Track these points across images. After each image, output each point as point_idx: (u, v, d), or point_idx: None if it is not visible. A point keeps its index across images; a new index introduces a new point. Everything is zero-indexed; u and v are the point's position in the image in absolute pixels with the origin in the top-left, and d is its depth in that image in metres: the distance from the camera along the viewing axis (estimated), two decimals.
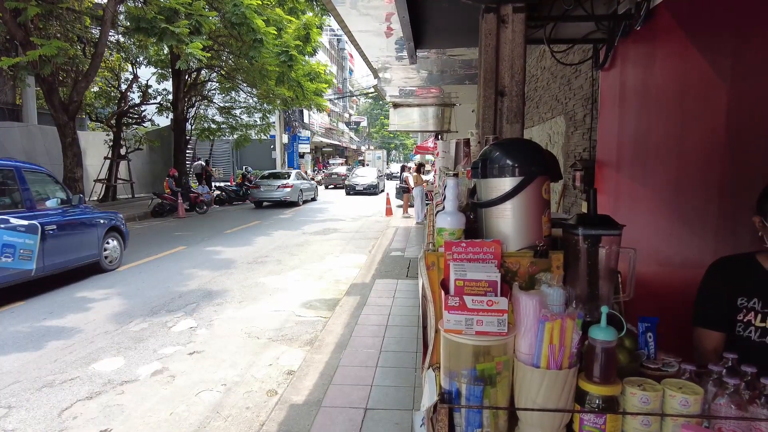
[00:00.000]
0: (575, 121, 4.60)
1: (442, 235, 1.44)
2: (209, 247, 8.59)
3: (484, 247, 1.33)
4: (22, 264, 4.71)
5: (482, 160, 1.45)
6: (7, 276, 4.59)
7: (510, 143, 1.60)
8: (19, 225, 4.67)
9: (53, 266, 5.13)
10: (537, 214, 1.41)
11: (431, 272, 1.40)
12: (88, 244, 5.70)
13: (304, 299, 5.44)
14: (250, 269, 6.89)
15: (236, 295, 5.61)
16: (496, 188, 1.42)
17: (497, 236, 1.41)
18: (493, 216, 1.43)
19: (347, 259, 7.62)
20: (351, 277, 6.30)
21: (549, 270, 1.37)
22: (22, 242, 4.65)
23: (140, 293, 5.68)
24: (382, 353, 3.69)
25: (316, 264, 7.25)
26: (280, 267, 7.03)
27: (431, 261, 1.40)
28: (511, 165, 1.40)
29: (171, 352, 3.99)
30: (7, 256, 4.50)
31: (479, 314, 1.21)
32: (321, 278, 6.41)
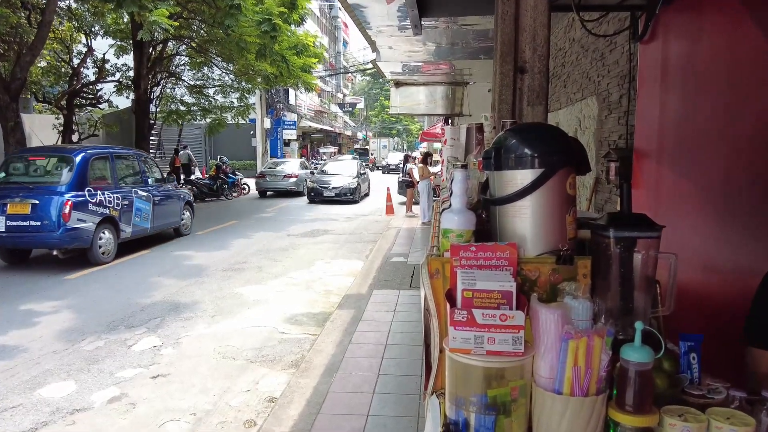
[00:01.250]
0: (609, 103, 4.60)
1: (448, 237, 1.44)
2: (177, 251, 8.62)
3: (497, 251, 1.32)
4: (144, 223, 8.51)
5: (496, 149, 1.45)
6: (137, 230, 8.30)
7: (528, 129, 1.59)
8: (143, 195, 8.56)
9: (157, 227, 8.94)
10: (560, 212, 1.40)
11: (435, 281, 1.39)
12: (174, 213, 9.55)
13: (289, 313, 5.45)
14: (225, 277, 6.90)
15: (208, 308, 5.62)
16: (511, 182, 1.41)
17: (513, 239, 1.40)
18: (508, 215, 1.43)
19: (340, 266, 7.64)
20: (344, 287, 6.32)
21: (574, 279, 1.36)
22: (145, 207, 8.49)
23: (95, 306, 5.69)
24: (381, 377, 3.70)
25: (303, 271, 7.27)
26: (261, 275, 7.04)
27: (435, 268, 1.39)
28: (529, 154, 1.39)
29: (131, 376, 4.00)
30: (137, 216, 8.31)
31: (491, 331, 1.20)
32: (309, 288, 6.42)
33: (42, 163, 7.80)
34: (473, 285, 1.24)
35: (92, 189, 7.72)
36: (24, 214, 7.17)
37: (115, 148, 8.82)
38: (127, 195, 8.33)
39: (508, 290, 1.23)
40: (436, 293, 1.39)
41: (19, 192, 7.26)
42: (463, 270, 1.32)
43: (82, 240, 7.41)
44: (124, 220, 8.22)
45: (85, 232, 7.44)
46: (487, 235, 1.50)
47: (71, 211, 7.28)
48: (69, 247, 7.43)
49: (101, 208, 7.76)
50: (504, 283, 1.24)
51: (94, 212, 7.62)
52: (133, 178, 8.71)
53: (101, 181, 8.04)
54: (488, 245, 1.34)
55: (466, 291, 1.24)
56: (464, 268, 1.33)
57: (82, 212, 7.45)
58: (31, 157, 7.76)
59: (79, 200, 7.42)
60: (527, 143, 1.42)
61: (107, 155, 8.25)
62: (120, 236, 8.14)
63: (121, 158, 8.59)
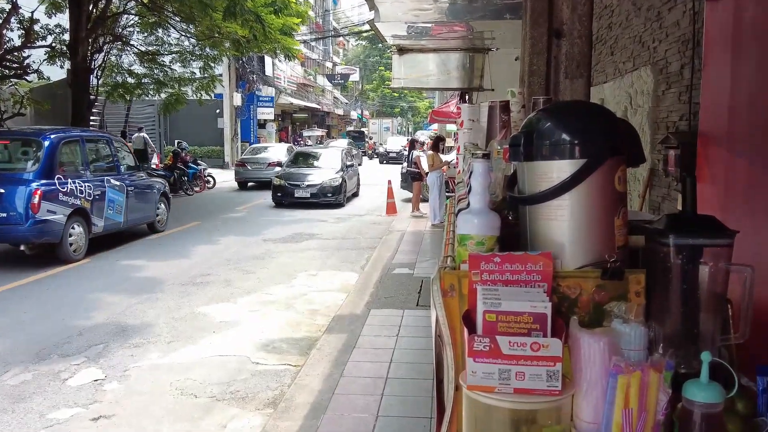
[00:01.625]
0: (668, 75, 4.60)
1: (466, 244, 1.44)
2: (125, 260, 8.64)
3: (527, 263, 1.32)
4: (117, 216, 9.05)
5: (526, 134, 1.45)
6: (110, 225, 8.81)
7: (567, 108, 1.59)
8: (116, 184, 9.03)
9: (131, 222, 9.51)
10: (607, 214, 1.40)
11: (449, 300, 1.39)
12: (148, 206, 10.08)
13: (265, 338, 5.46)
14: (184, 293, 6.92)
15: (164, 331, 5.63)
16: (546, 176, 1.41)
17: (547, 247, 1.40)
18: (541, 217, 1.43)
19: (329, 279, 7.66)
20: (334, 306, 6.33)
21: (624, 297, 1.36)
22: (118, 199, 8.96)
23: (21, 328, 5.69)
24: (380, 420, 3.70)
25: (282, 286, 7.28)
26: (230, 290, 7.06)
27: (449, 284, 1.40)
28: (568, 141, 1.39)
29: (66, 417, 4.00)
30: (111, 209, 8.75)
31: (520, 363, 1.20)
32: (289, 307, 6.44)
33: (4, 147, 8.38)
34: (497, 306, 1.24)
35: (62, 177, 8.23)
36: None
37: (86, 130, 9.62)
38: (99, 184, 8.96)
39: (542, 312, 1.23)
40: (450, 315, 1.39)
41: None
42: (484, 287, 1.32)
43: (52, 234, 7.96)
44: (96, 212, 8.83)
45: (56, 225, 8.00)
46: (514, 242, 1.50)
47: (40, 201, 7.74)
48: (37, 241, 7.96)
49: (72, 198, 8.31)
50: (536, 304, 1.24)
51: (64, 203, 8.16)
52: (105, 165, 9.43)
53: (71, 167, 8.58)
54: (516, 255, 1.34)
55: (488, 313, 1.24)
56: (486, 284, 1.32)
57: (52, 203, 7.94)
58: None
59: (48, 189, 7.89)
60: (565, 126, 1.42)
61: (78, 138, 8.89)
62: (92, 231, 8.75)
63: (91, 142, 9.33)
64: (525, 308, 1.23)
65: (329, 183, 14.84)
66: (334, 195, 14.75)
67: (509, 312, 1.23)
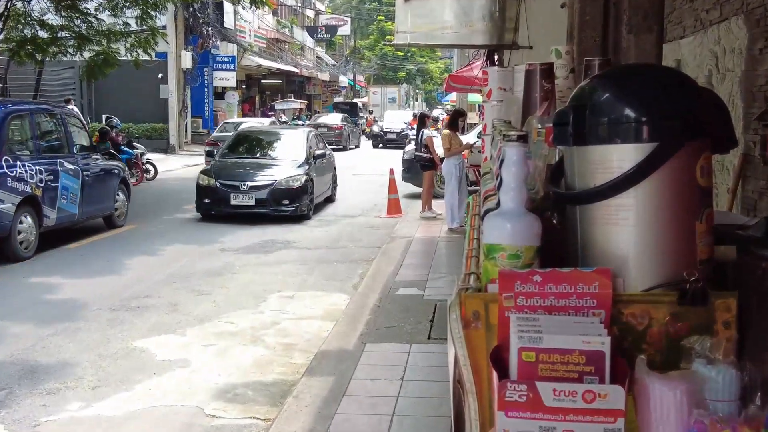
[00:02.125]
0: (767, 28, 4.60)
1: (496, 258, 1.45)
2: (36, 277, 8.64)
3: (578, 282, 1.33)
4: (72, 207, 9.61)
5: (576, 109, 1.45)
6: (63, 217, 9.36)
7: (632, 74, 1.59)
8: (70, 169, 9.65)
9: (87, 214, 10.19)
10: (686, 216, 1.41)
11: (473, 333, 1.40)
12: (106, 195, 10.86)
13: (223, 383, 5.46)
14: (115, 322, 6.92)
15: (87, 373, 5.63)
16: (603, 165, 1.42)
17: (605, 261, 1.41)
18: (597, 221, 1.44)
19: (310, 303, 7.67)
20: (317, 339, 6.34)
21: (709, 330, 1.37)
22: (72, 186, 9.46)
23: None
24: None
25: (247, 312, 7.29)
26: (176, 318, 7.07)
27: (473, 311, 1.40)
28: (633, 118, 1.40)
29: None
30: (64, 198, 9.17)
31: (568, 419, 1.20)
32: (257, 341, 6.44)
33: None
34: (538, 341, 1.24)
35: (10, 158, 8.96)
36: None
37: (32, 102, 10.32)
38: (52, 168, 9.72)
39: (598, 350, 1.23)
40: (474, 353, 1.39)
41: None
42: (520, 315, 1.32)
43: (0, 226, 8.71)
44: (48, 202, 9.56)
45: (4, 215, 8.73)
46: (560, 254, 1.50)
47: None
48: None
49: (21, 184, 9.06)
50: (590, 338, 1.24)
51: (13, 189, 8.89)
52: (57, 145, 10.27)
53: (20, 147, 9.41)
54: (563, 272, 1.35)
55: (525, 351, 1.24)
56: (523, 311, 1.33)
57: (0, 189, 8.70)
58: None
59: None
60: (629, 98, 1.42)
61: (27, 112, 9.67)
62: (43, 223, 9.49)
63: (42, 116, 10.15)
64: (575, 344, 1.23)
65: (286, 184, 12.83)
66: (294, 202, 12.79)
67: (554, 350, 1.23)
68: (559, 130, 1.50)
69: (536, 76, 2.45)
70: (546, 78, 2.44)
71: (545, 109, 2.34)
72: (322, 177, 14.51)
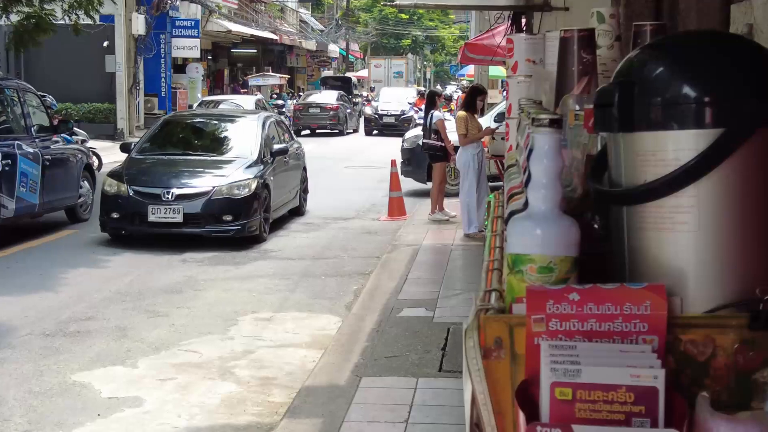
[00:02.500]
0: None
1: (524, 271, 1.46)
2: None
3: (625, 302, 1.33)
4: (31, 197, 10.32)
5: (623, 86, 1.46)
6: (23, 207, 10.00)
7: (691, 42, 1.59)
8: (29, 152, 10.42)
9: (48, 204, 10.97)
10: (759, 219, 1.41)
11: (494, 365, 1.40)
12: (69, 184, 11.70)
13: (185, 426, 5.45)
14: (49, 351, 6.91)
15: (15, 413, 5.62)
16: (656, 156, 1.43)
17: (660, 276, 1.41)
18: (649, 224, 1.44)
19: (292, 327, 7.66)
20: (301, 372, 6.33)
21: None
22: (31, 172, 10.18)
23: None
24: None
25: (213, 338, 7.28)
26: (126, 346, 7.06)
27: (494, 337, 1.41)
28: (694, 98, 1.41)
29: None
30: (23, 185, 9.78)
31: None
32: (226, 374, 6.43)
33: None
34: (575, 374, 1.25)
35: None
36: None
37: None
38: (8, 151, 10.43)
39: (650, 386, 1.23)
40: (496, 390, 1.39)
41: None
42: (554, 342, 1.33)
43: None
44: (5, 189, 10.24)
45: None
46: (603, 267, 1.50)
47: None
48: None
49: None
50: (640, 371, 1.24)
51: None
52: (14, 125, 11.04)
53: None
54: (607, 289, 1.35)
55: (560, 387, 1.24)
56: (557, 337, 1.33)
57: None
58: None
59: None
60: (688, 74, 1.42)
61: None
62: (0, 214, 10.20)
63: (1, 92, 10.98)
64: (621, 379, 1.23)
65: (228, 192, 11.41)
66: (238, 218, 11.27)
67: (595, 385, 1.23)
68: (602, 112, 1.50)
69: (573, 46, 2.44)
70: (585, 48, 2.43)
71: (584, 87, 2.33)
72: (283, 181, 13.13)
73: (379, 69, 56.06)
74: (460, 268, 9.49)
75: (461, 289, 8.39)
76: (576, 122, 2.03)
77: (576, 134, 2.02)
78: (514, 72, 3.04)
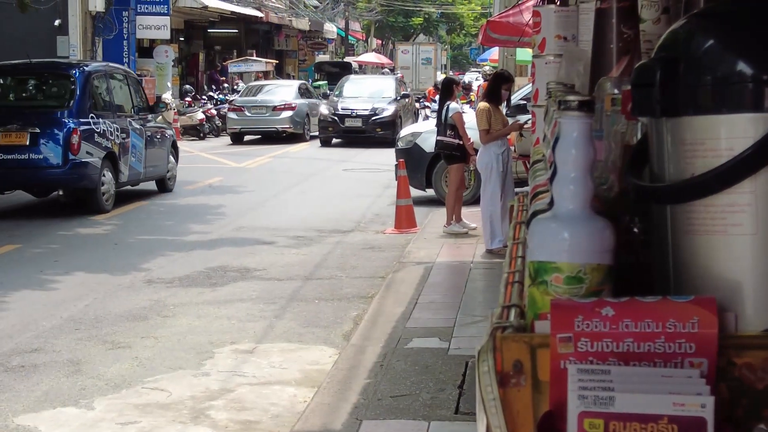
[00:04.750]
0: None
1: (548, 282, 1.46)
2: None
3: (668, 318, 1.34)
4: (138, 165, 15.92)
5: (666, 62, 1.47)
6: (132, 175, 15.70)
7: (748, 11, 1.59)
8: (136, 128, 16.11)
9: (149, 173, 16.57)
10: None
11: (513, 393, 1.41)
12: (162, 157, 17.04)
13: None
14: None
15: None
16: (704, 146, 1.43)
17: (710, 287, 1.41)
18: (697, 227, 1.45)
19: (279, 360, 7.64)
20: (289, 416, 6.33)
21: None
22: (138, 145, 15.88)
23: None
24: None
25: (184, 374, 7.27)
26: (80, 382, 7.04)
27: (513, 360, 1.41)
28: (750, 76, 1.41)
29: None
30: (133, 156, 15.55)
31: None
32: (200, 416, 6.43)
33: (33, 81, 15.41)
34: (608, 403, 1.25)
35: (94, 115, 14.57)
36: (21, 146, 13.75)
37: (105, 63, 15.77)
38: (124, 126, 15.39)
39: (697, 416, 1.24)
40: (515, 423, 1.40)
41: (11, 118, 13.88)
42: (583, 365, 1.33)
43: (89, 179, 14.21)
44: (123, 158, 15.15)
45: (93, 169, 14.26)
46: (641, 276, 1.51)
47: (80, 141, 14.00)
48: (76, 186, 14.32)
49: (105, 140, 14.67)
50: (685, 399, 1.24)
51: (98, 145, 14.49)
52: (126, 104, 16.15)
53: (100, 105, 15.12)
54: (646, 303, 1.36)
55: (590, 418, 1.25)
56: (586, 359, 1.34)
57: (90, 144, 14.24)
58: (17, 73, 15.32)
59: (86, 128, 14.23)
60: (743, 48, 1.43)
61: (104, 72, 15.79)
62: (119, 179, 15.16)
63: (115, 76, 16.16)
64: (663, 408, 1.24)
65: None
66: None
67: (631, 415, 1.24)
68: (641, 94, 1.49)
69: (612, 19, 2.44)
70: (626, 21, 2.43)
71: (625, 68, 2.33)
72: None
73: (406, 55, 58.76)
74: (481, 290, 9.46)
75: (482, 315, 8.34)
76: (613, 108, 2.01)
77: (613, 122, 2.01)
78: (542, 51, 3.04)
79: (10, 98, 15.06)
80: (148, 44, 31.53)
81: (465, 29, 69.65)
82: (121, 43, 28.82)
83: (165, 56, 31.65)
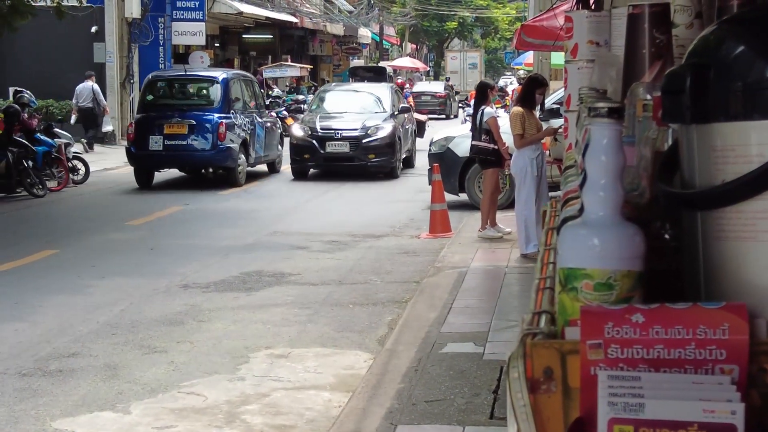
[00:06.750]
0: None
1: (578, 288, 1.46)
2: None
3: (699, 324, 1.33)
4: (260, 151, 22.80)
5: (697, 69, 1.46)
6: (257, 158, 22.53)
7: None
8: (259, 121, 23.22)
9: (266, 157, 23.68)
10: None
11: (543, 400, 1.40)
12: (275, 145, 24.46)
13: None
14: (26, 392, 6.89)
15: None
16: (735, 152, 1.42)
17: (741, 294, 1.40)
18: (728, 233, 1.44)
19: (313, 365, 7.64)
20: (324, 420, 6.33)
21: None
22: (260, 134, 22.84)
23: None
24: None
25: (220, 378, 7.28)
26: (116, 387, 7.04)
27: (544, 367, 1.41)
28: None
29: None
30: (257, 143, 22.40)
31: None
32: (235, 420, 6.43)
33: (187, 86, 21.78)
34: (638, 409, 1.25)
35: (233, 111, 20.38)
36: (182, 134, 19.49)
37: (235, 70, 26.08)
38: (251, 120, 21.23)
39: (727, 423, 1.23)
40: (545, 428, 1.40)
41: (173, 114, 19.97)
42: (613, 372, 1.33)
43: (232, 160, 19.72)
44: (252, 145, 20.82)
45: (234, 152, 19.70)
46: (672, 283, 1.50)
47: (226, 131, 19.32)
48: (222, 165, 19.93)
49: (241, 131, 20.26)
50: (716, 405, 1.24)
51: (237, 134, 19.99)
52: (251, 103, 22.10)
53: (236, 104, 21.00)
54: (677, 309, 1.35)
55: (620, 424, 1.25)
56: (616, 366, 1.33)
57: (232, 133, 19.66)
58: (175, 80, 21.77)
59: (228, 121, 19.75)
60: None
61: (237, 78, 22.13)
62: (249, 161, 20.71)
63: (243, 81, 22.49)
64: (693, 414, 1.23)
65: None
66: None
67: (662, 422, 1.23)
68: (672, 100, 1.49)
69: (644, 24, 2.43)
70: (659, 26, 2.42)
71: (657, 73, 2.31)
72: None
73: (455, 61, 64.79)
74: (516, 295, 9.41)
75: (517, 320, 8.28)
76: (645, 114, 2.00)
77: (645, 128, 2.00)
78: (574, 56, 3.03)
79: (173, 99, 20.99)
80: (184, 50, 31.67)
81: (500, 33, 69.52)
82: (157, 49, 29.02)
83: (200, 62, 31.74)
